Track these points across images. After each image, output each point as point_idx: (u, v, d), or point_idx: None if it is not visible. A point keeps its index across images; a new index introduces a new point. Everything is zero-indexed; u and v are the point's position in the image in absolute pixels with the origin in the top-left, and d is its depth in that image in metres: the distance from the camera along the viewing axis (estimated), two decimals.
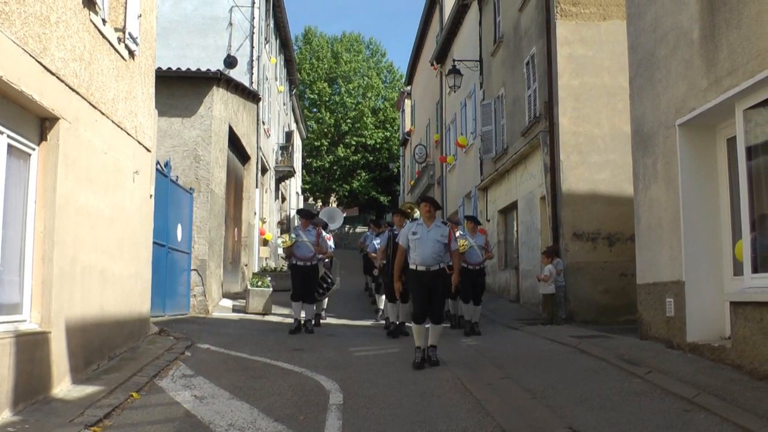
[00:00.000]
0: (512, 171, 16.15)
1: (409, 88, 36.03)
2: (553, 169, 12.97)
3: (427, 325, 7.98)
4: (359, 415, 5.61)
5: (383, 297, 12.38)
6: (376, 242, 12.78)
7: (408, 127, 35.55)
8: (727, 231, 7.57)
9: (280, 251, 21.00)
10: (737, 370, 6.56)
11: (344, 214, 31.18)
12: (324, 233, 11.94)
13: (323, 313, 12.92)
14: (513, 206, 16.45)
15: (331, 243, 13.67)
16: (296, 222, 13.72)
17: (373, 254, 12.79)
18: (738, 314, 6.65)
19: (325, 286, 12.03)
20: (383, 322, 12.43)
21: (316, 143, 46.88)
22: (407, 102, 36.67)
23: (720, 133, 7.76)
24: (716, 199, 7.74)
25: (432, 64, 26.14)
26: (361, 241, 15.33)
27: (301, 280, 11.28)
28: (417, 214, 10.13)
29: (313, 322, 11.56)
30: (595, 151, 12.82)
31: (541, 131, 13.43)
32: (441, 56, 24.55)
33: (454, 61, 20.49)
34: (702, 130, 7.83)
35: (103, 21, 7.24)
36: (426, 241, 7.81)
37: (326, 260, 12.55)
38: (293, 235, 11.44)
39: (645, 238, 9.00)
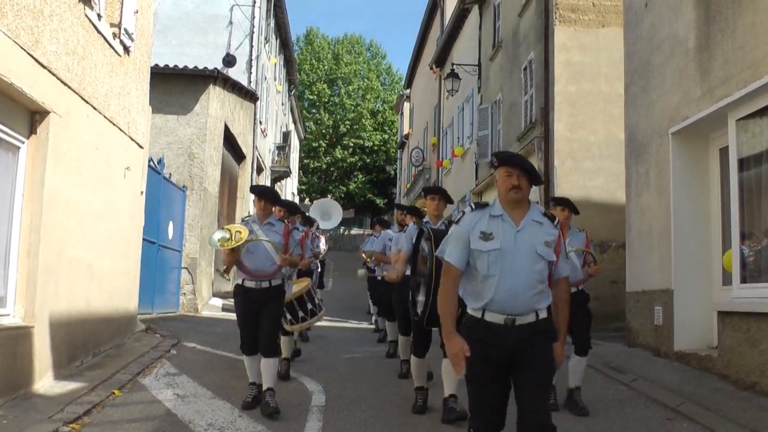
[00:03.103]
0: None
1: (408, 91, 35.99)
2: (546, 175, 12.95)
3: None
4: (340, 416, 5.60)
5: (394, 325, 7.91)
6: (391, 233, 8.00)
7: (406, 130, 35.51)
8: (717, 240, 7.56)
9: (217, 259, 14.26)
10: (723, 380, 6.55)
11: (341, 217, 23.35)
12: (298, 232, 6.64)
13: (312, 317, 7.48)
14: None
15: (322, 244, 10.74)
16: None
17: (371, 254, 8.19)
18: (726, 324, 6.64)
19: (310, 307, 7.23)
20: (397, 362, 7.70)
21: (314, 144, 46.90)
22: (406, 105, 36.65)
23: (713, 143, 7.75)
24: (707, 208, 7.74)
25: (431, 68, 26.13)
26: (364, 250, 10.79)
27: (252, 315, 5.94)
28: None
29: (281, 369, 6.84)
30: (589, 157, 12.78)
31: (536, 137, 13.41)
32: (440, 60, 24.53)
33: (452, 65, 20.48)
34: (695, 139, 7.82)
35: (99, 16, 7.24)
36: (516, 253, 3.40)
37: (313, 265, 8.53)
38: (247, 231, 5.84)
39: (635, 246, 8.99)
